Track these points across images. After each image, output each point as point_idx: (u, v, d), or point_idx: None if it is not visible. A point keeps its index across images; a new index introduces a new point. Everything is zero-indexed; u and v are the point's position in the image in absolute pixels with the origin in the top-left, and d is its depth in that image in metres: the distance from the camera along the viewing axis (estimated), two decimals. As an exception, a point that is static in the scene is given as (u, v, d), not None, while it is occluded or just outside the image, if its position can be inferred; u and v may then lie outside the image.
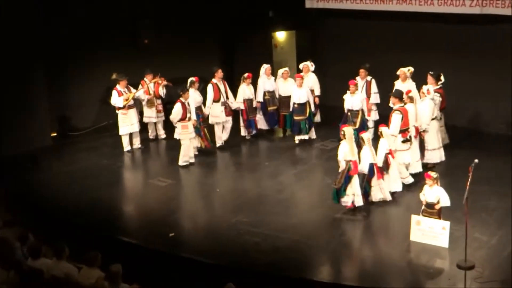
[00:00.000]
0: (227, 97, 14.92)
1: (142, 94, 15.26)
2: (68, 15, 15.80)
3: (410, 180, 12.26)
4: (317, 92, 15.55)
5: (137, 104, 15.50)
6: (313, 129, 15.24)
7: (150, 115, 15.58)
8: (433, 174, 10.26)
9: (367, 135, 11.48)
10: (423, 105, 12.72)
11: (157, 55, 16.70)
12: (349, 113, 14.09)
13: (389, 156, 11.67)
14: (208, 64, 15.50)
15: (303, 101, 14.79)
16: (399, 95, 12.41)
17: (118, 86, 14.66)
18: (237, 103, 15.12)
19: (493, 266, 9.54)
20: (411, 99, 12.48)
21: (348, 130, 11.24)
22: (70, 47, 15.95)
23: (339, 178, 11.18)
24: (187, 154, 13.86)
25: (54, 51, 15.74)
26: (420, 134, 12.58)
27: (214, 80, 14.80)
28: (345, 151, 11.09)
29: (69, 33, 15.89)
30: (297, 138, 15.09)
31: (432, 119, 12.79)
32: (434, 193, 10.17)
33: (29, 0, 15.01)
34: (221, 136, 15.02)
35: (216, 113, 14.76)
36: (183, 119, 13.63)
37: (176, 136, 14.03)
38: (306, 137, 15.07)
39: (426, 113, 12.61)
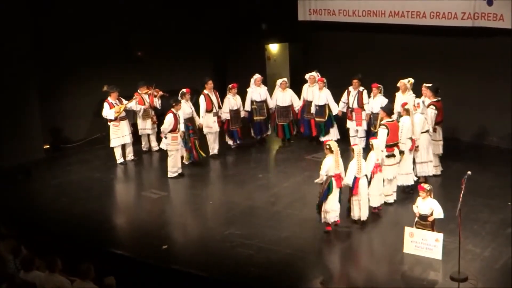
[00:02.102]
0: (219, 107, 15.10)
1: (135, 105, 15.26)
2: (61, 26, 15.81)
3: (392, 199, 12.11)
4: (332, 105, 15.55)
5: (130, 116, 15.52)
6: (335, 131, 15.52)
7: (145, 126, 15.60)
8: (426, 186, 10.30)
9: (358, 148, 11.36)
10: (414, 118, 12.68)
11: (150, 67, 16.73)
12: (371, 116, 14.57)
13: (374, 169, 11.52)
14: (201, 76, 15.54)
15: (322, 103, 15.28)
16: (387, 110, 12.43)
17: (109, 98, 14.68)
18: (225, 114, 15.26)
19: (486, 278, 9.57)
20: (407, 112, 12.44)
21: (333, 144, 11.14)
22: (63, 60, 15.97)
23: (320, 192, 11.13)
24: (176, 165, 13.90)
25: (47, 64, 15.75)
26: (416, 147, 12.55)
27: (205, 91, 14.96)
28: (329, 164, 10.97)
29: (62, 45, 15.90)
30: (321, 139, 15.47)
31: (423, 132, 12.71)
32: (428, 205, 10.20)
33: (22, 12, 15.04)
34: (214, 146, 15.18)
35: (209, 124, 14.90)
36: (173, 130, 13.70)
37: (163, 146, 14.13)
38: (328, 138, 15.25)
39: (416, 126, 12.53)
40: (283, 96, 15.60)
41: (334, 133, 15.61)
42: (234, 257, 10.49)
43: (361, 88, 14.94)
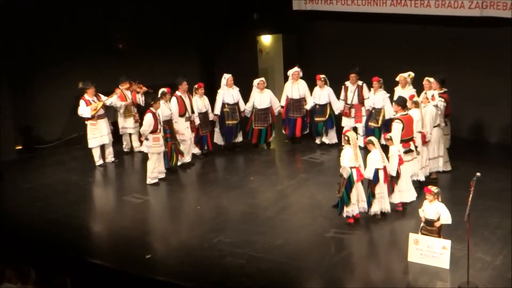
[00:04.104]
0: (193, 111, 14.80)
1: (117, 101, 15.19)
2: (31, 18, 15.66)
3: (413, 198, 12.19)
4: (309, 101, 15.62)
5: (110, 114, 15.45)
6: (334, 133, 15.58)
7: (127, 125, 15.57)
8: (434, 188, 10.24)
9: (352, 134, 11.59)
10: (424, 112, 12.85)
11: (133, 60, 16.67)
12: (373, 111, 14.63)
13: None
14: (188, 70, 15.49)
15: (323, 102, 15.25)
16: (401, 102, 12.48)
17: (85, 95, 14.62)
18: (197, 118, 14.97)
19: (497, 288, 9.53)
20: (416, 104, 12.66)
21: (352, 135, 11.41)
22: (35, 54, 15.85)
23: (340, 185, 11.29)
24: (156, 170, 13.81)
25: (19, 59, 15.63)
26: (427, 141, 12.78)
27: (178, 93, 14.62)
28: (349, 157, 11.21)
29: (34, 37, 15.77)
30: (318, 140, 15.67)
31: (435, 126, 12.96)
32: (434, 209, 10.15)
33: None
34: (189, 153, 14.88)
35: (181, 129, 14.55)
36: (154, 131, 13.57)
37: (144, 149, 14.02)
38: (326, 140, 15.55)
39: (427, 121, 12.77)
40: (261, 98, 15.45)
41: (332, 136, 15.60)
42: (224, 267, 10.44)
43: (360, 82, 15.02)
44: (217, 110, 15.35)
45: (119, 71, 15.75)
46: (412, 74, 14.07)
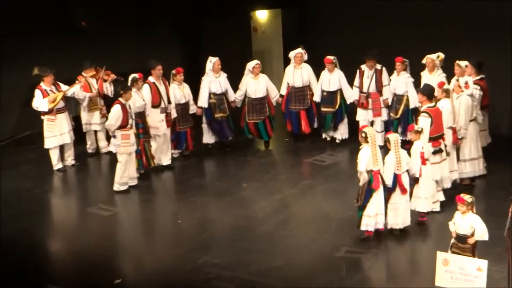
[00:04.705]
0: (169, 102, 14.77)
1: (80, 91, 15.21)
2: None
3: (438, 207, 12.31)
4: (316, 91, 15.72)
5: (71, 107, 15.47)
6: (345, 127, 15.68)
7: (92, 121, 15.60)
8: (467, 197, 10.17)
9: (395, 136, 11.55)
10: (457, 103, 12.83)
11: (99, 42, 16.69)
12: (394, 98, 14.76)
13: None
14: (167, 53, 15.46)
15: (333, 88, 15.32)
16: (428, 92, 12.42)
17: (42, 84, 14.63)
18: (174, 110, 14.97)
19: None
20: (447, 93, 12.63)
21: (370, 131, 11.39)
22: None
23: (360, 193, 11.32)
24: (126, 174, 13.80)
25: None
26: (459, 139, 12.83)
27: (150, 79, 14.62)
28: (367, 158, 11.21)
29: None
30: (325, 135, 15.78)
31: (471, 120, 12.97)
32: (468, 222, 10.09)
33: None
34: (162, 153, 14.86)
35: (154, 123, 14.53)
36: (123, 126, 13.54)
37: (112, 148, 14.02)
38: (337, 135, 15.70)
39: (461, 114, 12.76)
40: (256, 85, 15.50)
41: (343, 130, 15.67)
42: (211, 294, 10.46)
43: (378, 66, 15.07)
44: (203, 102, 15.34)
45: (82, 54, 15.77)
46: (441, 55, 14.09)
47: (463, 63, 13.46)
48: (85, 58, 15.53)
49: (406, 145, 12.24)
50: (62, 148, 14.98)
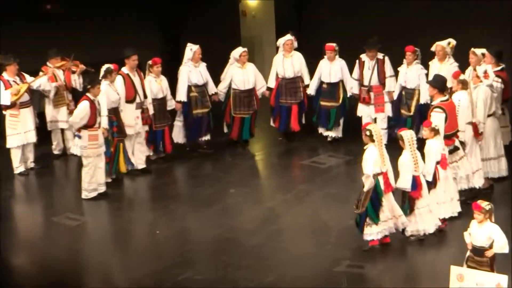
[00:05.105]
0: (145, 96, 14.79)
1: (46, 83, 15.21)
2: None
3: (457, 209, 12.34)
4: (307, 80, 15.81)
5: (35, 101, 15.45)
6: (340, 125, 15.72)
7: (59, 118, 15.62)
8: (485, 204, 10.16)
9: (409, 134, 11.60)
10: (475, 95, 12.82)
11: (67, 27, 16.63)
12: (403, 92, 14.75)
13: (438, 166, 11.85)
14: (143, 40, 15.41)
15: (335, 80, 15.37)
16: (439, 83, 12.46)
17: (4, 74, 14.68)
18: (151, 106, 14.98)
19: None
20: (464, 84, 12.65)
21: (375, 129, 11.44)
22: None
23: (363, 198, 11.29)
24: (94, 180, 13.79)
25: None
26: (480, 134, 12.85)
27: (124, 70, 14.64)
28: (374, 159, 11.22)
29: None
30: (326, 134, 15.77)
31: (489, 115, 12.97)
32: (486, 232, 10.08)
33: None
34: (139, 154, 14.91)
35: (129, 120, 14.54)
36: (90, 125, 13.52)
37: (75, 150, 14.03)
38: (339, 134, 15.77)
39: (479, 107, 12.75)
40: (243, 75, 15.58)
41: (338, 128, 15.79)
42: (193, 315, 10.50)
43: (380, 55, 15.13)
44: (182, 95, 15.39)
45: (47, 42, 15.78)
46: (453, 41, 14.11)
47: (479, 51, 13.45)
48: (50, 46, 15.54)
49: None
50: (24, 148, 14.96)
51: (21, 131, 14.77)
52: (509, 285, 9.90)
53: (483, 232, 10.11)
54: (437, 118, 12.15)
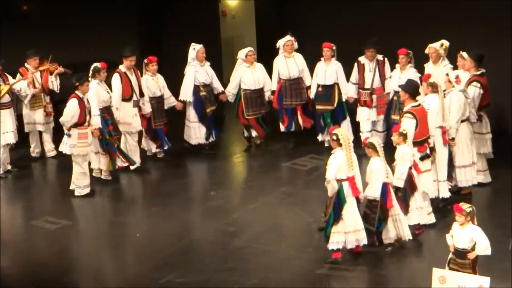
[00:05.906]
0: (142, 95, 14.86)
1: (26, 87, 15.16)
2: None
3: (433, 219, 12.36)
4: (308, 81, 15.74)
5: (15, 102, 15.41)
6: (349, 124, 15.52)
7: (36, 119, 15.57)
8: (466, 207, 10.23)
9: (377, 140, 11.62)
10: (448, 100, 12.79)
11: (44, 28, 16.57)
12: (395, 97, 14.58)
13: (413, 171, 11.82)
14: (125, 43, 15.37)
15: (330, 82, 15.21)
16: (411, 88, 12.43)
17: (-15, 75, 14.67)
18: (148, 104, 15.06)
19: None
20: (434, 88, 12.56)
21: (342, 133, 11.35)
22: None
23: (327, 205, 11.27)
24: (84, 177, 13.83)
25: None
26: (448, 141, 12.72)
27: (121, 68, 14.72)
28: (340, 163, 11.15)
29: None
30: (322, 139, 15.60)
31: (463, 120, 12.89)
32: (468, 235, 10.14)
33: None
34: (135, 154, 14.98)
35: (126, 118, 14.63)
36: (80, 123, 13.57)
37: (64, 149, 13.92)
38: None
39: (452, 112, 12.69)
40: (253, 75, 15.58)
41: (347, 129, 15.53)
42: (175, 318, 10.47)
43: (380, 57, 15.05)
44: (188, 95, 15.44)
45: (24, 44, 15.69)
46: (446, 43, 14.00)
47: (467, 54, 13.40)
48: (28, 47, 15.48)
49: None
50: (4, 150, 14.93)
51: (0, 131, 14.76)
52: (491, 287, 10.09)
53: (465, 234, 10.15)
54: (407, 124, 12.08)
